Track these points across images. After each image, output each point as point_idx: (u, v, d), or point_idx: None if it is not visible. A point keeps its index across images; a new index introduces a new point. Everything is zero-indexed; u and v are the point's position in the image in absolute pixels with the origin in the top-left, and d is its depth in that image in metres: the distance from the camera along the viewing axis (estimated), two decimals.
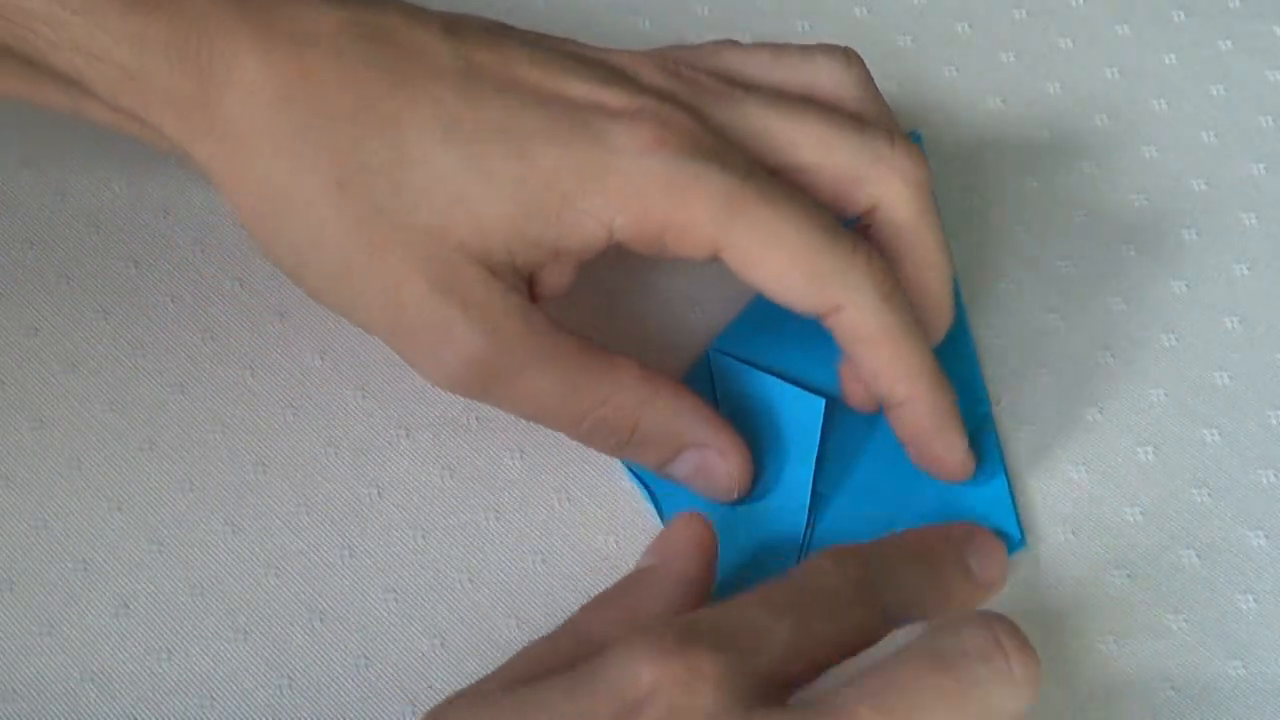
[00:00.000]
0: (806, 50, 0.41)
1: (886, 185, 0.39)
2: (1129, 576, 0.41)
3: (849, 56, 0.42)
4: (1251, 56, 0.50)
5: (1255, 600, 0.41)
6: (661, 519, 0.42)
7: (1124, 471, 0.43)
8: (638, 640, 0.33)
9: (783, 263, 0.37)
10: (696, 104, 0.39)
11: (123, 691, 0.39)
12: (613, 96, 0.38)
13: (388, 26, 0.37)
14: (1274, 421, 0.43)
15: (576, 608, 0.41)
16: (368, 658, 0.40)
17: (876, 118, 0.41)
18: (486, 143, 0.37)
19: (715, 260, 0.38)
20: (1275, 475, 0.43)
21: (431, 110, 0.37)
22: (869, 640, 0.36)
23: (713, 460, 0.40)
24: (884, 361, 0.39)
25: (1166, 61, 0.50)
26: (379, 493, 0.43)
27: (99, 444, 0.43)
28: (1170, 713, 0.39)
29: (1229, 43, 0.51)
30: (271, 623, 0.41)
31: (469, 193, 0.37)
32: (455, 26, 0.38)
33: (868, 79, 0.42)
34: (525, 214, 0.37)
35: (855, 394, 0.41)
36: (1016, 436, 0.43)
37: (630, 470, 0.42)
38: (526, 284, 0.39)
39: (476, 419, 0.43)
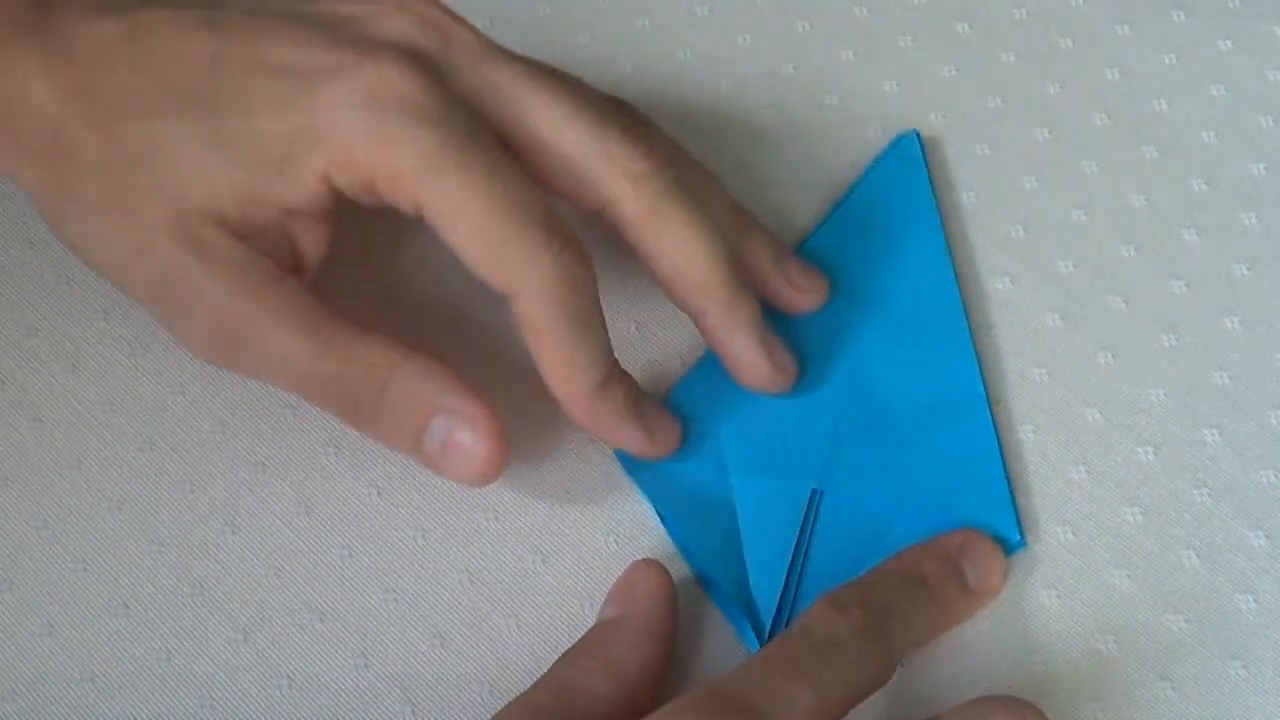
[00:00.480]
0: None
1: (612, 184, 0.40)
2: (1129, 576, 0.41)
3: None
4: (1251, 56, 0.50)
5: (1255, 600, 0.41)
6: (661, 519, 0.42)
7: (1124, 471, 0.43)
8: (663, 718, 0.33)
9: (467, 234, 0.39)
10: (439, 57, 0.40)
11: (123, 691, 0.39)
12: (341, 58, 0.39)
13: (155, 33, 0.40)
14: (1274, 421, 0.43)
15: (576, 608, 0.41)
16: (367, 658, 0.40)
17: (626, 110, 0.42)
18: (224, 118, 0.39)
19: (421, 218, 0.39)
20: (1275, 475, 0.43)
21: (181, 102, 0.40)
22: (880, 684, 0.37)
23: (461, 432, 0.40)
24: (544, 356, 0.40)
25: (1166, 61, 0.50)
26: (379, 493, 0.43)
27: (99, 444, 0.43)
28: (1170, 713, 0.39)
29: (1229, 43, 0.51)
30: (271, 623, 0.41)
31: (204, 162, 0.39)
32: (217, 21, 0.41)
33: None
34: (252, 175, 0.39)
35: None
36: (1016, 437, 0.43)
37: (629, 470, 0.43)
38: (285, 251, 0.40)
39: None
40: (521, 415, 0.43)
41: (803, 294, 0.44)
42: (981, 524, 0.41)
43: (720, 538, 0.41)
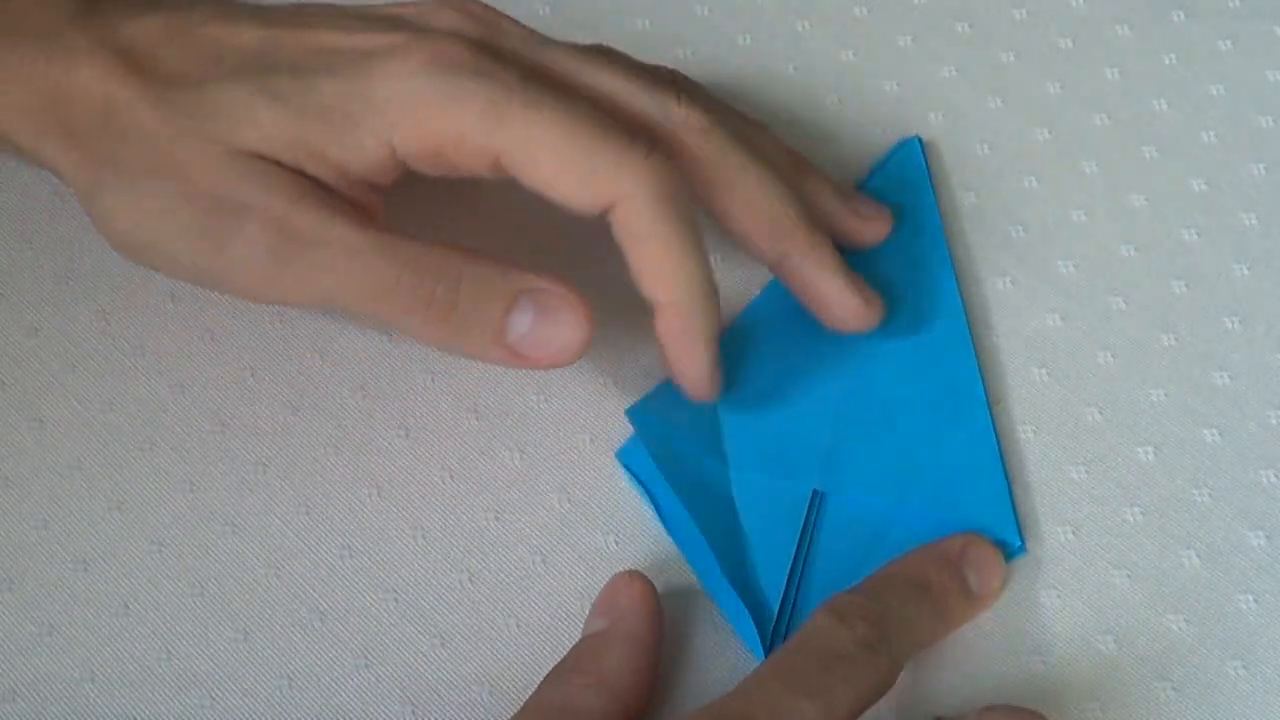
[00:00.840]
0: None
1: (679, 139, 0.41)
2: (1129, 576, 0.41)
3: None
4: (1251, 56, 0.50)
5: (1255, 600, 0.41)
6: (662, 520, 0.42)
7: (1124, 471, 0.43)
8: None
9: (555, 164, 0.39)
10: (486, 37, 0.41)
11: (123, 691, 0.39)
12: (394, 39, 0.40)
13: (200, 23, 0.41)
14: (1274, 421, 0.43)
15: (576, 608, 0.41)
16: (368, 658, 0.40)
17: (669, 74, 0.43)
18: (278, 79, 0.39)
19: (502, 171, 0.39)
20: (1275, 475, 0.43)
21: (233, 70, 0.40)
22: (883, 692, 0.37)
23: (551, 303, 0.39)
24: (649, 262, 0.39)
25: (1166, 61, 0.50)
26: (379, 493, 0.42)
27: (99, 444, 0.43)
28: (1170, 713, 0.39)
29: (1229, 43, 0.51)
30: (271, 623, 0.41)
31: (258, 110, 0.39)
32: (263, 12, 0.41)
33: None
34: (307, 127, 0.39)
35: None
36: (1016, 436, 0.43)
37: (629, 470, 0.43)
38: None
39: (476, 419, 0.43)
40: (526, 416, 0.43)
41: (871, 223, 0.45)
42: (982, 528, 0.41)
43: (721, 540, 0.41)
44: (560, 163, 0.38)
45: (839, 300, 0.42)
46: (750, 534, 0.41)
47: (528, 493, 0.42)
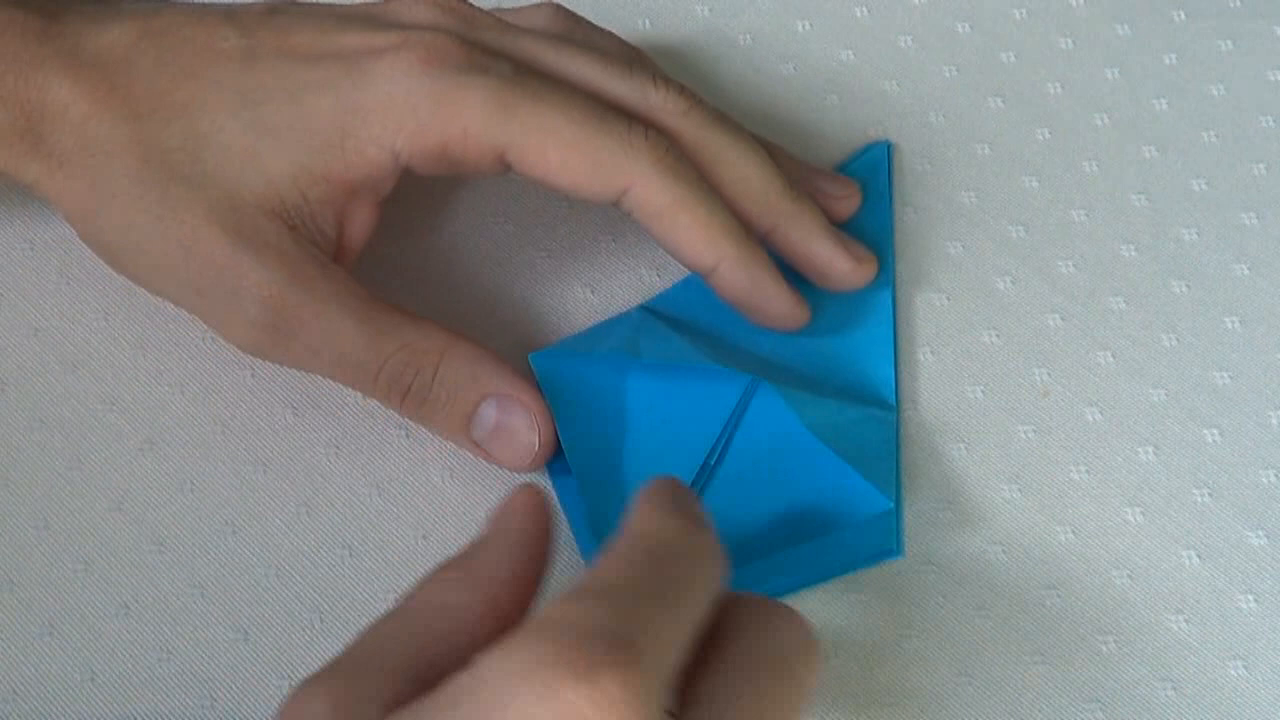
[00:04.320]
0: (596, 47, 0.44)
1: (660, 122, 0.41)
2: (1129, 577, 0.41)
3: (635, 57, 0.44)
4: (1251, 56, 0.50)
5: (1255, 600, 0.41)
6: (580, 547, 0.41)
7: (1124, 471, 0.43)
8: (513, 657, 0.28)
9: (562, 154, 0.39)
10: (466, 32, 0.41)
11: (123, 691, 0.39)
12: (378, 38, 0.40)
13: (174, 32, 0.41)
14: (1274, 421, 0.44)
15: None
16: None
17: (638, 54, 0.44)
18: (267, 103, 0.40)
19: (505, 167, 0.40)
20: (1275, 475, 0.43)
21: (217, 92, 0.40)
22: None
23: (513, 409, 0.40)
24: (682, 232, 0.40)
25: (1166, 61, 0.50)
26: (379, 492, 0.43)
27: (99, 444, 0.43)
28: (1170, 713, 0.39)
29: (1229, 43, 0.51)
30: (271, 623, 0.41)
31: (256, 149, 0.39)
32: (235, 13, 0.41)
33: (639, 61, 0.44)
34: (309, 153, 0.39)
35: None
36: (1015, 436, 0.43)
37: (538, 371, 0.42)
38: (331, 238, 0.41)
39: None
40: None
41: (839, 201, 0.45)
42: (863, 530, 0.40)
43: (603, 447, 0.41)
44: (568, 152, 0.39)
45: (829, 263, 0.43)
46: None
47: None
